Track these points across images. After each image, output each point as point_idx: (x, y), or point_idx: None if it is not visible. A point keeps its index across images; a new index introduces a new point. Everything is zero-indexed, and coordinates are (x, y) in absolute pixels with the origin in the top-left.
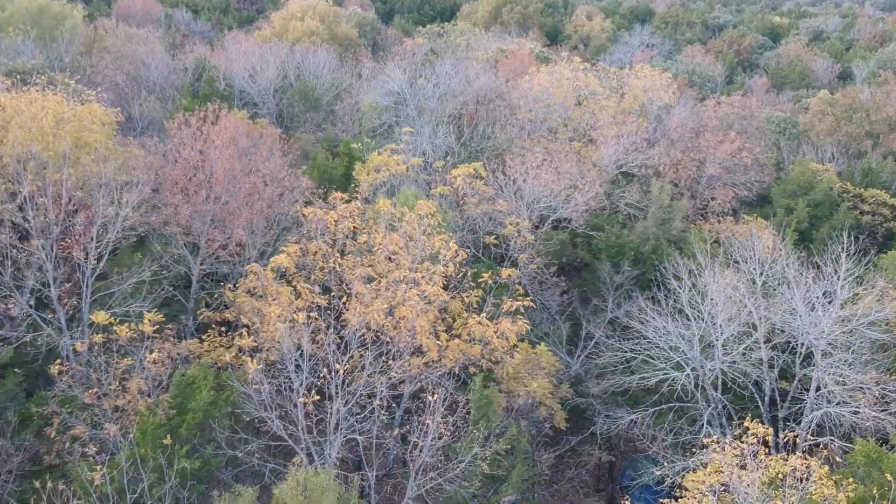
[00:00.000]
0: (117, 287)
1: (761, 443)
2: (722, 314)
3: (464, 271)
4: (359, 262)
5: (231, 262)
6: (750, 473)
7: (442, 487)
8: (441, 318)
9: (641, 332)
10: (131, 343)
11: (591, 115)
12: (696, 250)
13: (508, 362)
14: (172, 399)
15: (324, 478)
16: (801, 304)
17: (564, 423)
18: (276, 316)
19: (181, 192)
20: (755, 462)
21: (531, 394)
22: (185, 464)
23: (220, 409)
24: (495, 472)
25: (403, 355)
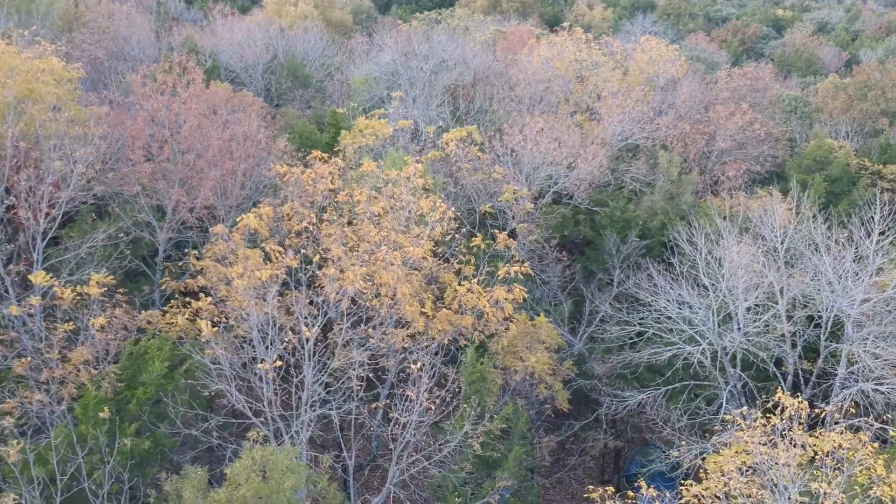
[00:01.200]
0: (72, 253)
1: (794, 419)
2: (742, 282)
3: (453, 234)
4: (338, 223)
5: (200, 227)
6: (784, 451)
7: (428, 472)
8: (430, 290)
9: (652, 304)
10: (77, 310)
11: (593, 87)
12: (712, 213)
13: (504, 334)
14: (121, 371)
15: (285, 456)
16: (831, 269)
17: (567, 405)
18: (237, 275)
19: (143, 149)
20: (788, 440)
21: (529, 369)
22: (133, 443)
23: (175, 383)
24: (489, 454)
25: (385, 325)
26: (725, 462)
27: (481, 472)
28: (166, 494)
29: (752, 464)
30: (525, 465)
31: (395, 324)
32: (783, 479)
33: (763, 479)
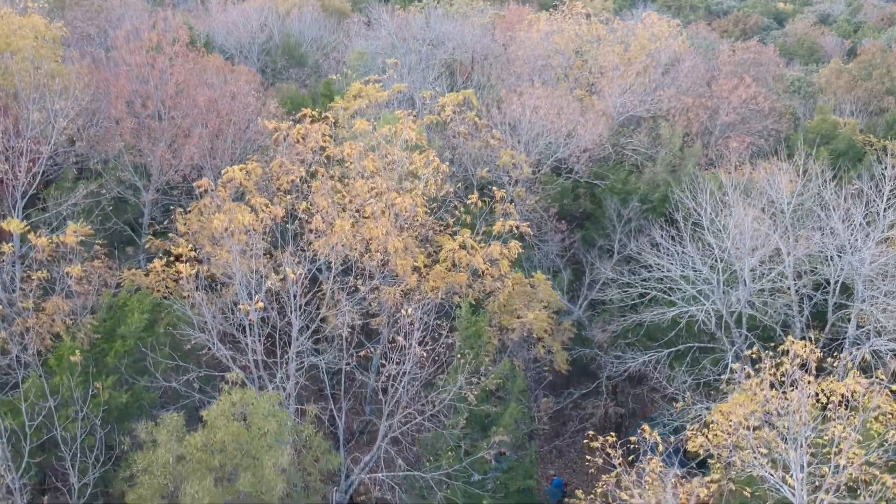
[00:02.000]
0: (52, 212)
1: (806, 366)
2: (748, 238)
3: (447, 189)
4: (327, 177)
5: (187, 191)
6: (797, 392)
7: (422, 429)
8: (423, 252)
9: (654, 266)
10: (54, 262)
11: (593, 60)
12: (718, 174)
13: (500, 291)
14: (98, 324)
15: (267, 401)
16: (840, 226)
17: (566, 366)
18: (220, 223)
19: (126, 105)
20: (801, 384)
21: (526, 326)
22: (110, 396)
23: (156, 336)
24: (484, 409)
25: (375, 279)
26: (733, 410)
27: (476, 431)
28: (141, 442)
29: (761, 411)
30: (523, 426)
31: (387, 281)
32: (795, 425)
33: (773, 427)
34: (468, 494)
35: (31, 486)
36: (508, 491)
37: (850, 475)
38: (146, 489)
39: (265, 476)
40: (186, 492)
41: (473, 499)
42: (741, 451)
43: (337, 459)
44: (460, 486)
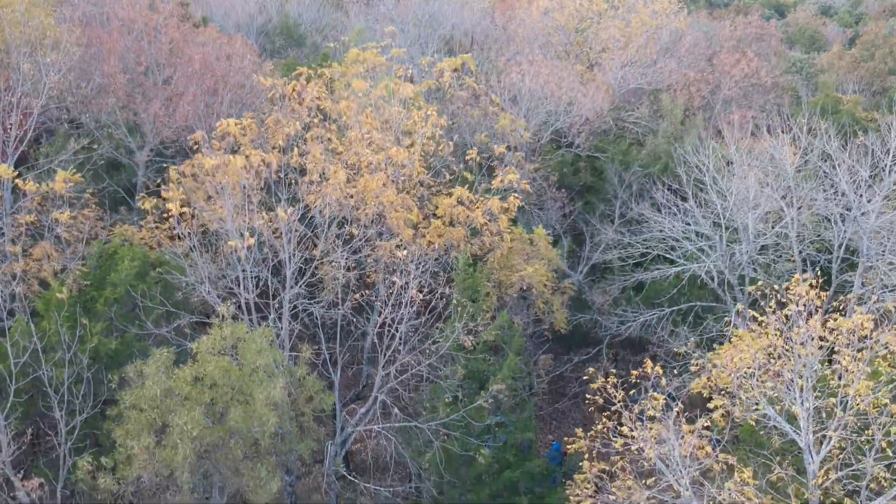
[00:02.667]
0: (43, 168)
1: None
2: (752, 193)
3: (444, 143)
4: (322, 129)
5: (181, 152)
6: (804, 326)
7: (419, 381)
8: (422, 209)
9: (656, 224)
10: (44, 212)
11: (594, 36)
12: (724, 131)
13: (499, 246)
14: (88, 270)
15: (259, 336)
16: (846, 178)
17: (565, 325)
18: (211, 166)
19: (119, 61)
20: (807, 321)
21: (525, 280)
22: (99, 343)
23: (147, 284)
24: (482, 364)
25: (369, 232)
26: (736, 350)
27: (474, 387)
28: (130, 381)
29: (765, 352)
30: (521, 382)
31: (382, 238)
32: (801, 357)
33: (778, 368)
34: (466, 446)
35: (18, 430)
36: (507, 444)
37: (858, 406)
38: (133, 424)
39: (256, 411)
40: (174, 424)
41: (472, 450)
42: (745, 392)
43: (331, 398)
44: (458, 436)
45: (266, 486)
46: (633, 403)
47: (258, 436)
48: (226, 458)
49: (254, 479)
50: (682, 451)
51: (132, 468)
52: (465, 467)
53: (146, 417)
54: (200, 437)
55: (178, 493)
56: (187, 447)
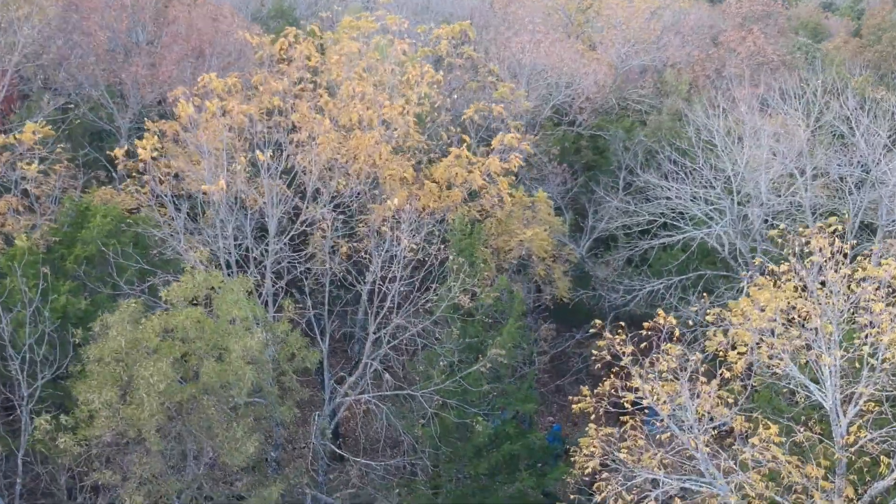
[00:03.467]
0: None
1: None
2: (766, 151)
3: (442, 99)
4: (311, 88)
5: (163, 115)
6: (832, 275)
7: (412, 349)
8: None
9: (662, 190)
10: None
11: (595, 14)
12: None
13: (498, 207)
14: (58, 226)
15: (237, 284)
16: (863, 141)
17: (567, 292)
18: (186, 112)
19: (100, 18)
20: (835, 269)
21: (525, 245)
22: (67, 302)
23: (121, 242)
24: (479, 331)
25: (358, 188)
26: (755, 304)
27: (471, 356)
28: (95, 335)
29: (788, 302)
30: (522, 353)
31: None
32: (826, 304)
33: (804, 313)
34: (462, 413)
35: None
36: (506, 417)
37: (893, 358)
38: (96, 378)
39: (232, 364)
40: (140, 376)
41: (469, 419)
42: (766, 345)
43: (316, 356)
44: (454, 403)
45: (242, 448)
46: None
47: (234, 393)
48: (198, 419)
49: (229, 440)
50: (698, 409)
51: (94, 427)
52: (463, 440)
53: (110, 371)
54: (170, 394)
55: (147, 456)
56: (154, 402)
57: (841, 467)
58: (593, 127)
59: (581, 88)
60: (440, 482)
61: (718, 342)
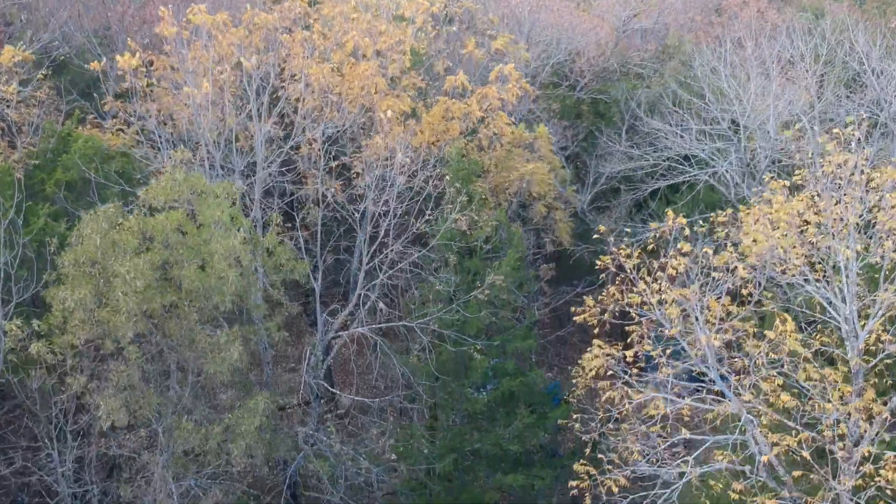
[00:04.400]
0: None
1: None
2: (774, 83)
3: (438, 30)
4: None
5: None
6: (850, 171)
7: (409, 279)
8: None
9: (668, 135)
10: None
11: None
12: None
13: (496, 143)
14: (37, 150)
15: (221, 188)
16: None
17: (568, 237)
18: (170, 30)
19: None
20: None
21: (525, 179)
22: (46, 225)
23: (103, 169)
24: (478, 265)
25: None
26: (768, 210)
27: (470, 288)
28: (71, 244)
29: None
30: (523, 290)
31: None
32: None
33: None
34: (460, 344)
35: None
36: (506, 352)
37: None
38: (71, 283)
39: (214, 267)
40: (117, 274)
41: (465, 352)
42: (781, 246)
43: (303, 266)
44: (452, 335)
45: (226, 354)
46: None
47: (217, 300)
48: (179, 328)
49: (212, 347)
50: (709, 317)
51: (68, 332)
52: (460, 377)
53: (84, 272)
54: (148, 298)
55: (125, 364)
56: (131, 302)
57: (858, 381)
58: (595, 91)
59: (582, 48)
60: (436, 422)
61: (727, 258)
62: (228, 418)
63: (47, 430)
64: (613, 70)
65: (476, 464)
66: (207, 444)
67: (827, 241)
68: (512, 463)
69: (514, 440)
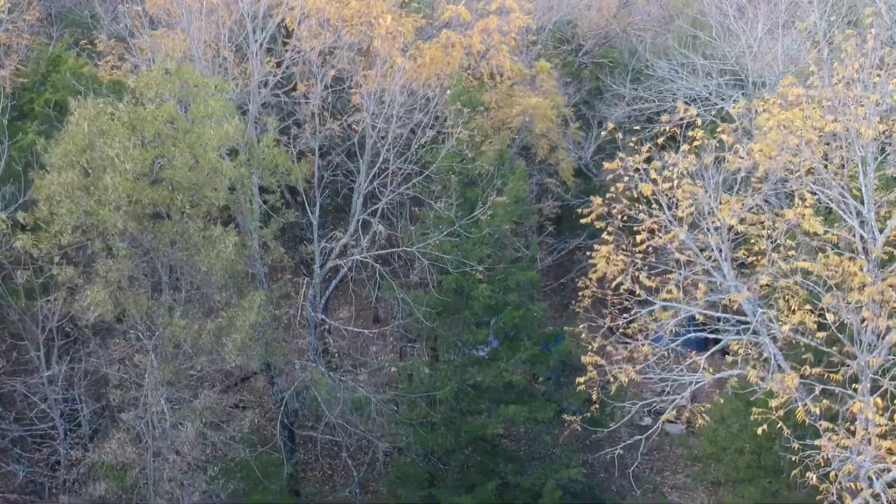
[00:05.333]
0: None
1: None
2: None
3: None
4: None
5: None
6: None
7: (408, 202)
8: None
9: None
10: None
11: None
12: None
13: (496, 73)
14: (25, 69)
15: (216, 82)
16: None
17: (572, 177)
18: None
19: None
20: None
21: (528, 113)
22: (34, 143)
23: (96, 90)
24: (479, 195)
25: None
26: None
27: (470, 220)
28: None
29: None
30: (526, 220)
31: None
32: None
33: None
34: (461, 278)
35: None
36: (508, 286)
37: None
38: (56, 179)
39: (208, 159)
40: (105, 157)
41: (466, 282)
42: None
43: (303, 168)
44: (453, 258)
45: (220, 248)
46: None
47: (210, 194)
48: (171, 226)
49: (204, 241)
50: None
51: (55, 223)
52: (460, 310)
53: (72, 161)
54: (140, 189)
55: (114, 259)
56: (121, 189)
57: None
58: (598, 57)
59: (583, 12)
60: (436, 355)
61: (739, 162)
62: (223, 316)
63: (34, 337)
64: (616, 34)
65: (478, 396)
66: (200, 339)
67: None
68: (516, 395)
69: (517, 372)
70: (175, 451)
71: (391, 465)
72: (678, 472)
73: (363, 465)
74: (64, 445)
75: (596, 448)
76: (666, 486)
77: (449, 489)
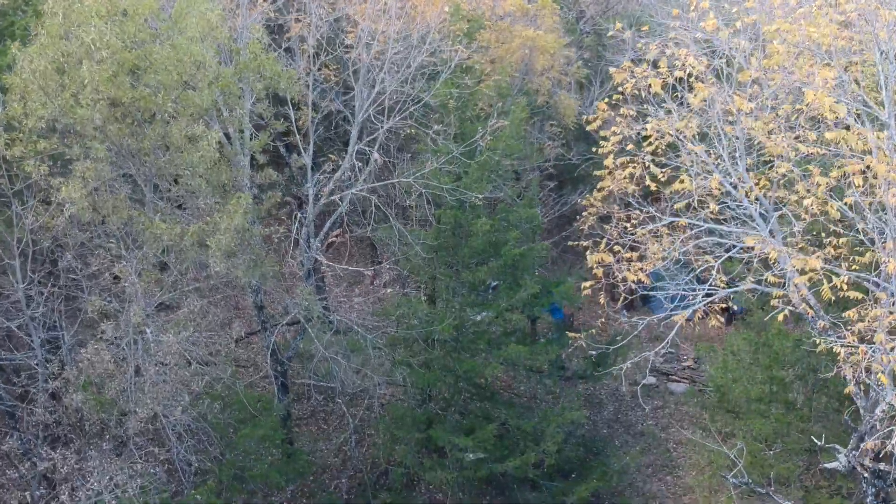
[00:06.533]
0: None
1: None
2: None
3: None
4: None
5: None
6: None
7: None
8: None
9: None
10: None
11: None
12: None
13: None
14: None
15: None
16: None
17: (573, 116)
18: None
19: None
20: None
21: (527, 46)
22: (13, 59)
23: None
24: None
25: None
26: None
27: (471, 154)
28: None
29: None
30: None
31: None
32: None
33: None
34: (460, 215)
35: None
36: (509, 223)
37: None
38: (27, 67)
39: (191, 52)
40: (80, 43)
41: (465, 218)
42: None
43: (292, 74)
44: (452, 190)
45: (203, 148)
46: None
47: (197, 99)
48: (153, 131)
49: (187, 139)
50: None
51: (28, 118)
52: (460, 247)
53: (45, 51)
54: (118, 84)
55: (92, 160)
56: (97, 78)
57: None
58: (598, 26)
59: None
60: (435, 294)
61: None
62: (207, 221)
63: (8, 246)
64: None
65: (477, 338)
66: (182, 242)
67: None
68: (516, 340)
69: (518, 311)
70: (158, 363)
71: (388, 413)
72: (684, 428)
73: (359, 413)
74: (41, 353)
75: (599, 407)
76: (671, 441)
77: (448, 432)
